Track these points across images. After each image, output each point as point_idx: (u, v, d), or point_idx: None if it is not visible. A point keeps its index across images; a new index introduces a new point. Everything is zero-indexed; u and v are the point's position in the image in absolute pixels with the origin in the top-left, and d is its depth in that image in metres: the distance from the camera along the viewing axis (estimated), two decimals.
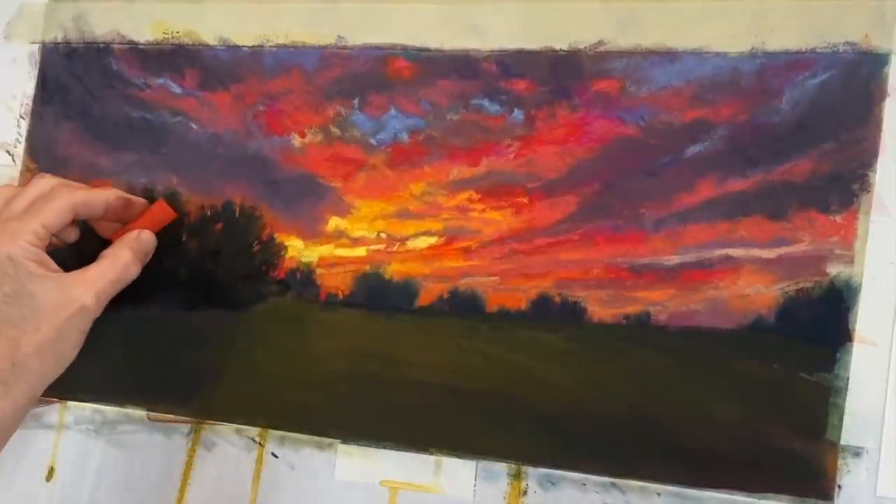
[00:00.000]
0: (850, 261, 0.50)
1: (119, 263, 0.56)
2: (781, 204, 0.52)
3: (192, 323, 0.61)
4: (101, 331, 0.56)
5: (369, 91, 0.59)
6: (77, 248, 0.61)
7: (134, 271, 0.57)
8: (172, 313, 0.61)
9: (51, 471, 0.64)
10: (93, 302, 0.54)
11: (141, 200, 0.60)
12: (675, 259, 0.53)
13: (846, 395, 0.49)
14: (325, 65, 0.60)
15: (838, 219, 0.51)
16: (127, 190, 0.61)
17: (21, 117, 0.66)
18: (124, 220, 0.60)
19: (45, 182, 0.57)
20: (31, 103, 0.66)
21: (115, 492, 0.62)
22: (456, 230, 0.57)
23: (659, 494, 0.52)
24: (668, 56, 0.54)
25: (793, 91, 0.52)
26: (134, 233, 0.58)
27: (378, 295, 0.58)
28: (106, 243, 0.59)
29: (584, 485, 0.54)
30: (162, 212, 0.60)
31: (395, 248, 0.58)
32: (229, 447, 0.60)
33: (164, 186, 0.62)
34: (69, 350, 0.54)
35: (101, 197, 0.57)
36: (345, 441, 0.58)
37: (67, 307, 0.53)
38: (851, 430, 0.49)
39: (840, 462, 0.49)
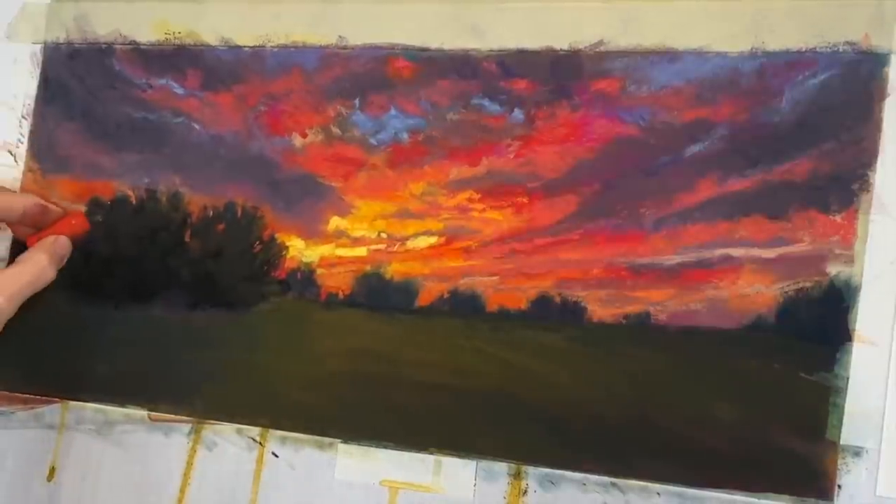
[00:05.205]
0: (850, 260, 0.50)
1: (35, 267, 0.58)
2: (781, 204, 0.52)
3: (194, 323, 0.61)
4: (102, 331, 0.56)
5: (370, 91, 0.59)
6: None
7: (50, 274, 0.59)
8: (174, 313, 0.62)
9: (52, 471, 0.64)
10: (5, 303, 0.56)
11: (57, 209, 0.62)
12: (675, 259, 0.53)
13: (846, 394, 0.49)
14: (326, 65, 0.60)
15: (838, 218, 0.51)
16: (130, 190, 0.62)
17: (23, 117, 0.66)
18: (41, 225, 0.62)
19: None
20: (33, 103, 0.66)
21: (115, 492, 0.62)
22: (456, 230, 0.57)
23: (659, 494, 0.52)
24: (669, 56, 0.54)
25: (793, 91, 0.52)
26: (51, 238, 0.60)
27: (378, 295, 0.58)
28: None
29: (584, 485, 0.54)
30: (78, 222, 0.62)
31: (395, 248, 0.58)
32: (230, 447, 0.60)
33: (167, 187, 0.63)
34: None
35: (19, 202, 0.60)
36: (345, 441, 0.58)
37: None
38: (851, 430, 0.49)
39: (840, 462, 0.49)
